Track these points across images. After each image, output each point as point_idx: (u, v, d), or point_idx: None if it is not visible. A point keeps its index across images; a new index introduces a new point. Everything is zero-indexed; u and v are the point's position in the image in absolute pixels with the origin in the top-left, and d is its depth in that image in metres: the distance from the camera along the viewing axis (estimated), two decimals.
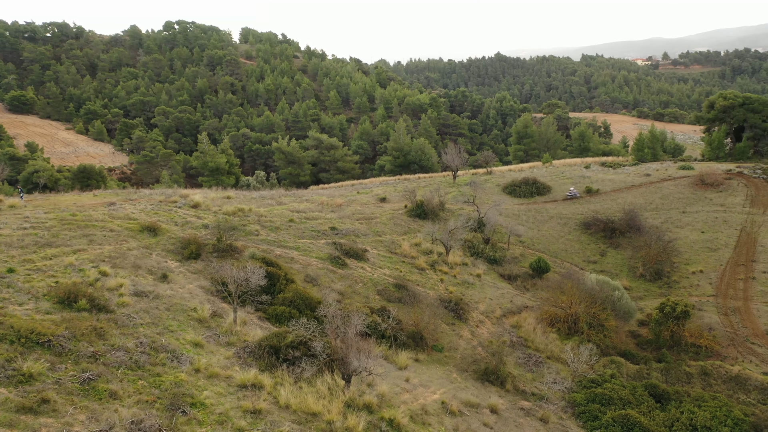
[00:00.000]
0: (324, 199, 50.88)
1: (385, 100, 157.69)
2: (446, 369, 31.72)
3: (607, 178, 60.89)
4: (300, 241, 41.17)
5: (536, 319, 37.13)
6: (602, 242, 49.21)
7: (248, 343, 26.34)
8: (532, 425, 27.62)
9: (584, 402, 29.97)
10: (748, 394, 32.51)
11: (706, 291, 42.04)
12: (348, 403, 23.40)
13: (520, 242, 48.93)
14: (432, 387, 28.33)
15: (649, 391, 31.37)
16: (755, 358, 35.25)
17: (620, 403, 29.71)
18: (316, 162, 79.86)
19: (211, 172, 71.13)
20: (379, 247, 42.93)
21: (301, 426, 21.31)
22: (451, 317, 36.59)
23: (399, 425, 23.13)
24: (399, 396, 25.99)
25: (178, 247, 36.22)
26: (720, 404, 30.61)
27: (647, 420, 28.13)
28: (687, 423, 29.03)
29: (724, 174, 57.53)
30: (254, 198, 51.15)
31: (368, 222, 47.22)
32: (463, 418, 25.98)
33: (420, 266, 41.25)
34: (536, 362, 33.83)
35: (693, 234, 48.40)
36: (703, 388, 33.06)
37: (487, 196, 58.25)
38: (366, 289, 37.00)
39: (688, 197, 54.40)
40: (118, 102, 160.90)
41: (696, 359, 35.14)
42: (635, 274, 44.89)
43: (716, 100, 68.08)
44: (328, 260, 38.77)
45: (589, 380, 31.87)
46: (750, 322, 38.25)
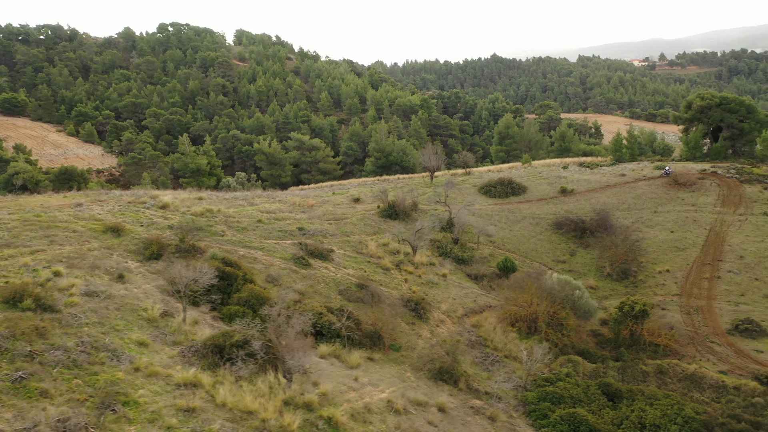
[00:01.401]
0: (296, 200, 51.07)
1: (376, 102, 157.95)
2: (401, 368, 31.87)
3: (583, 178, 61.07)
4: (266, 241, 41.34)
5: (497, 318, 37.29)
6: (573, 242, 49.37)
7: (195, 342, 26.51)
8: (479, 423, 27.78)
9: (535, 401, 30.12)
10: (703, 393, 32.64)
11: (671, 290, 42.20)
12: (287, 401, 23.58)
13: (491, 242, 49.09)
14: (381, 386, 28.46)
15: (602, 390, 31.52)
16: (713, 356, 35.39)
17: (571, 402, 29.86)
18: (298, 163, 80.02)
19: (191, 174, 71.34)
20: (346, 247, 43.10)
21: (234, 424, 21.48)
22: (412, 317, 36.74)
23: (337, 423, 23.32)
24: (344, 395, 26.13)
25: (140, 247, 36.38)
26: (672, 402, 30.77)
27: (595, 418, 28.29)
28: (636, 421, 29.19)
29: (698, 174, 57.69)
30: (227, 199, 51.33)
31: (338, 222, 47.40)
32: (407, 416, 26.11)
33: (385, 266, 41.42)
34: (493, 361, 33.99)
35: (662, 234, 48.56)
36: (659, 387, 33.20)
37: (462, 196, 58.43)
38: (328, 289, 37.16)
39: (660, 197, 54.55)
40: (110, 104, 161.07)
41: (654, 358, 35.29)
42: (602, 273, 45.04)
43: (693, 101, 68.22)
44: (291, 260, 38.94)
45: (544, 379, 32.02)
46: (711, 321, 38.42)
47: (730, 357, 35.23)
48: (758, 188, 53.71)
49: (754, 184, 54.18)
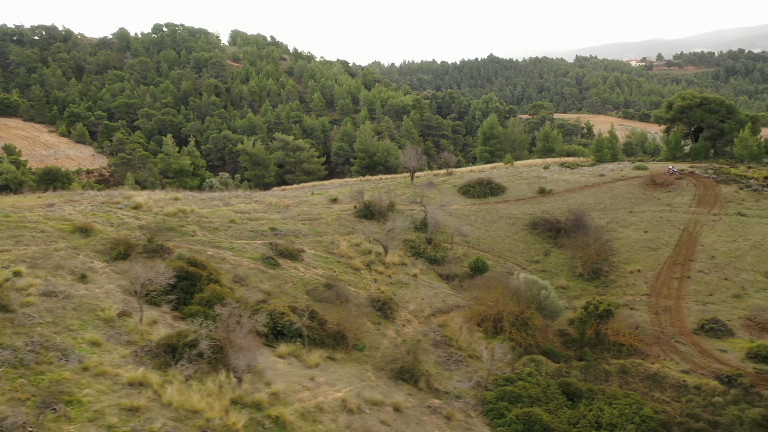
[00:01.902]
0: (273, 200, 51.21)
1: (369, 102, 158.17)
2: (362, 368, 31.98)
3: (563, 178, 61.20)
4: (236, 241, 41.48)
5: (464, 318, 37.41)
6: (547, 242, 49.51)
7: (149, 342, 26.64)
8: (435, 423, 27.90)
9: (494, 400, 30.24)
10: (664, 392, 32.77)
11: (641, 290, 42.33)
12: (235, 400, 23.68)
13: (466, 242, 49.23)
14: (338, 385, 28.57)
15: (562, 389, 31.64)
16: (677, 356, 35.52)
17: (528, 401, 29.99)
18: (283, 163, 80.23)
19: (175, 174, 71.50)
20: (318, 247, 43.24)
21: (177, 423, 21.59)
22: (378, 316, 36.87)
23: (284, 422, 23.44)
24: (297, 394, 26.24)
25: (107, 247, 36.50)
26: (631, 402, 30.90)
27: (550, 417, 28.41)
28: (593, 420, 29.32)
29: (676, 174, 57.82)
30: (203, 199, 51.48)
31: (312, 222, 47.54)
32: (360, 415, 26.23)
33: (355, 266, 41.56)
34: (456, 361, 34.11)
35: (636, 233, 48.69)
36: (621, 386, 33.31)
37: (441, 196, 58.57)
38: (295, 289, 37.29)
39: (637, 197, 54.69)
40: (103, 104, 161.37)
41: (618, 357, 35.40)
42: (574, 273, 45.18)
43: (674, 101, 68.36)
44: (260, 260, 39.07)
45: (505, 378, 32.14)
46: (678, 320, 38.55)
47: (694, 356, 35.36)
48: (734, 188, 53.86)
49: (731, 184, 54.31)
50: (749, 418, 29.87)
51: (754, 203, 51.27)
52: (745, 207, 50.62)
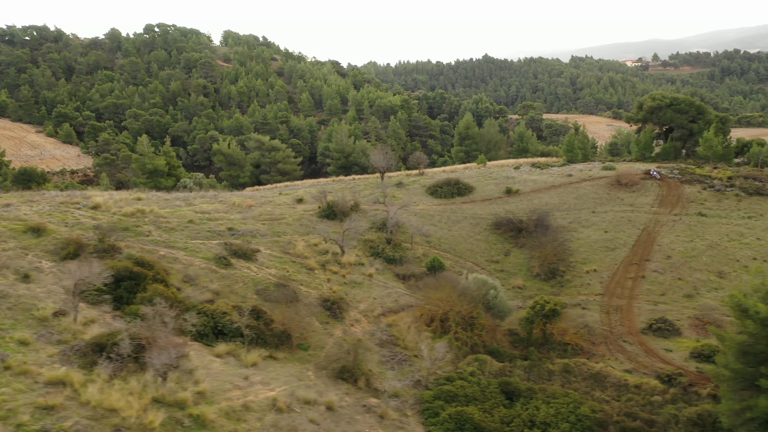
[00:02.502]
0: (236, 200, 51.39)
1: (357, 102, 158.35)
2: (304, 367, 32.16)
3: (531, 178, 61.38)
4: (192, 241, 41.63)
5: (414, 318, 37.59)
6: (509, 242, 49.68)
7: (80, 341, 26.81)
8: (367, 421, 28.07)
9: (430, 399, 30.43)
10: (605, 391, 32.95)
11: (595, 290, 42.52)
12: (158, 399, 23.84)
13: (427, 242, 49.40)
14: (273, 385, 28.73)
15: (501, 389, 31.82)
16: (622, 355, 35.71)
17: (464, 400, 30.18)
18: (259, 164, 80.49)
19: (149, 174, 71.84)
20: (274, 247, 43.40)
21: (92, 422, 21.75)
22: (327, 316, 37.05)
23: (205, 421, 23.60)
24: (226, 393, 26.39)
25: (58, 247, 36.68)
26: (569, 401, 31.08)
27: (482, 416, 28.59)
28: (527, 419, 29.50)
29: (641, 174, 58.00)
30: (167, 199, 51.64)
31: (273, 223, 47.71)
32: (289, 414, 26.38)
33: (310, 266, 41.72)
34: (400, 360, 34.30)
35: (596, 233, 48.87)
36: (563, 385, 33.50)
37: (409, 196, 58.74)
38: (245, 288, 37.44)
39: (601, 197, 54.88)
40: (92, 105, 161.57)
41: (563, 357, 35.60)
42: (532, 273, 45.35)
43: (645, 101, 68.58)
44: (213, 260, 39.22)
45: (445, 378, 32.33)
46: (628, 320, 38.74)
47: (639, 356, 35.55)
48: (697, 188, 54.04)
49: (694, 185, 54.49)
50: (685, 417, 30.10)
51: (716, 203, 51.45)
52: (706, 207, 50.81)
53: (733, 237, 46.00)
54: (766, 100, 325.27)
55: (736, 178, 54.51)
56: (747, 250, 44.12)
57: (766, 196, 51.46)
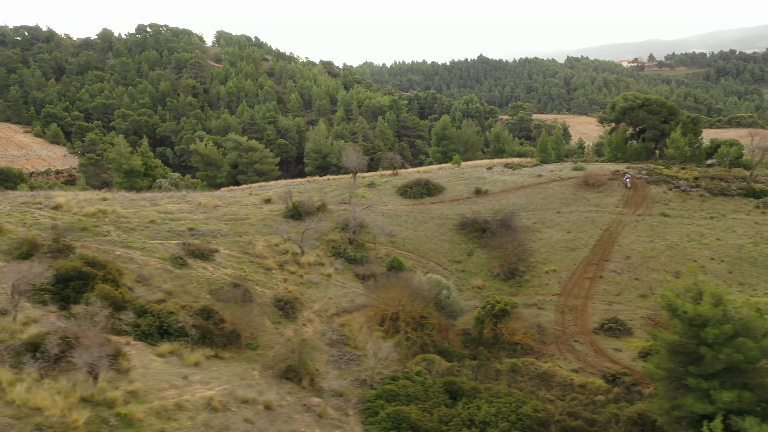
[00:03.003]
0: (203, 200, 51.56)
1: (346, 103, 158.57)
2: (250, 366, 32.32)
3: (502, 179, 61.56)
4: (150, 241, 41.78)
5: (367, 317, 37.76)
6: (473, 242, 49.85)
7: (17, 340, 26.97)
8: (305, 421, 28.21)
9: (372, 398, 30.57)
10: (550, 390, 33.13)
11: (553, 290, 42.70)
12: (87, 398, 23.98)
13: (392, 242, 49.58)
14: (213, 384, 28.88)
15: (446, 388, 31.97)
16: (572, 355, 35.90)
17: (405, 399, 30.33)
18: (236, 164, 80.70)
19: (125, 174, 72.03)
20: (234, 247, 43.56)
21: (15, 420, 21.91)
22: (279, 316, 37.22)
23: (132, 420, 23.75)
24: (161, 392, 26.54)
25: (12, 247, 36.85)
26: (512, 400, 31.23)
27: (420, 415, 28.73)
28: (466, 418, 29.65)
29: (609, 174, 58.18)
30: (134, 200, 51.82)
31: (236, 223, 47.87)
32: (224, 414, 26.52)
33: (268, 266, 41.89)
34: (348, 360, 34.48)
35: (559, 234, 49.06)
36: (509, 385, 33.67)
37: (379, 197, 58.94)
38: (199, 288, 37.60)
39: (568, 198, 55.06)
40: (81, 105, 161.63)
41: (513, 357, 35.78)
42: (492, 273, 45.54)
43: (618, 102, 68.85)
44: (169, 260, 39.37)
45: (390, 377, 32.49)
46: (582, 320, 38.93)
47: (588, 356, 35.74)
48: (663, 189, 54.23)
49: (661, 185, 54.66)
50: (625, 416, 30.22)
51: (680, 204, 51.64)
52: (670, 207, 50.99)
53: (693, 237, 46.20)
54: (760, 100, 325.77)
55: (703, 179, 54.70)
56: (705, 251, 44.32)
57: (730, 197, 51.66)
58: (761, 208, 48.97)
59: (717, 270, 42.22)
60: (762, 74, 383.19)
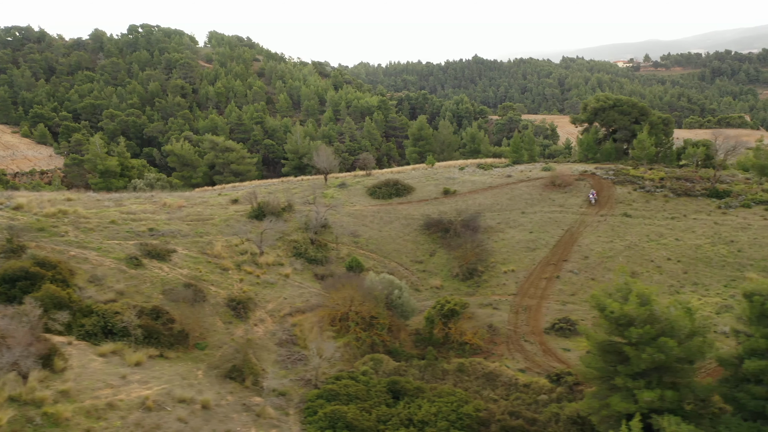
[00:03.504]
0: (168, 201, 51.71)
1: (334, 103, 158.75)
2: (195, 366, 32.48)
3: (472, 179, 61.73)
4: (108, 242, 41.93)
5: (319, 317, 37.93)
6: (437, 243, 50.03)
7: None
8: (241, 420, 28.38)
9: (313, 398, 30.76)
10: (495, 390, 33.31)
11: (510, 290, 42.88)
12: (14, 397, 24.13)
13: (355, 243, 49.74)
14: (151, 383, 29.04)
15: (389, 388, 32.14)
16: (520, 354, 36.08)
17: (345, 399, 30.50)
18: (213, 164, 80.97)
19: (101, 175, 72.12)
20: (192, 248, 43.71)
21: None
22: (231, 316, 37.38)
23: (58, 419, 23.92)
24: (95, 392, 26.69)
25: None
26: (454, 399, 31.41)
27: (357, 414, 28.89)
28: (405, 418, 29.83)
29: (576, 175, 58.36)
30: (99, 200, 51.97)
31: (199, 223, 48.03)
32: (158, 413, 26.67)
33: (225, 266, 42.04)
34: (296, 360, 34.65)
35: (521, 234, 49.23)
36: (455, 384, 33.84)
37: (348, 197, 59.12)
38: (152, 288, 37.73)
39: (534, 198, 55.23)
40: (70, 105, 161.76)
41: (462, 356, 35.95)
42: (452, 274, 45.71)
43: (590, 102, 69.04)
44: (124, 261, 39.52)
45: (334, 377, 32.69)
46: (534, 320, 39.11)
47: (537, 355, 35.92)
48: (629, 189, 54.41)
49: (626, 185, 54.84)
50: (565, 416, 30.42)
51: (644, 204, 51.80)
52: (633, 208, 51.17)
53: (653, 237, 46.37)
54: (755, 100, 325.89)
55: (668, 179, 54.86)
56: (663, 251, 44.49)
57: (694, 197, 51.84)
58: (723, 209, 49.15)
59: (672, 270, 42.40)
60: (757, 74, 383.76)
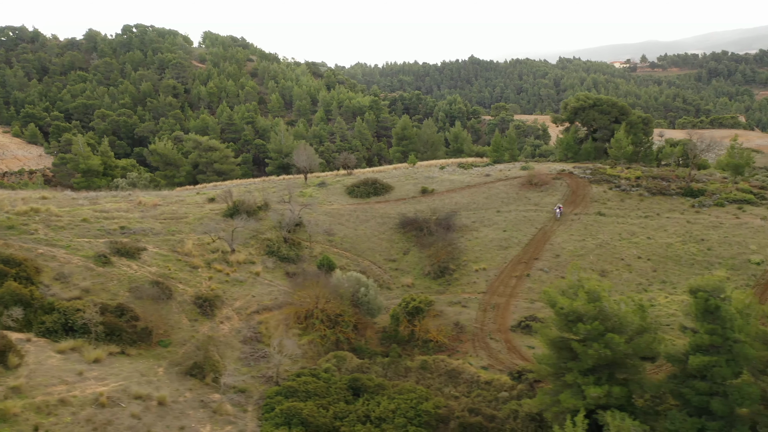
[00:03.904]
0: (143, 199, 51.76)
1: (326, 103, 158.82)
2: (156, 363, 32.52)
3: (451, 178, 61.81)
4: (77, 239, 41.97)
5: (286, 315, 37.98)
6: (411, 241, 50.07)
7: None
8: (197, 416, 28.42)
9: (272, 395, 30.83)
10: (457, 387, 33.41)
11: (480, 288, 42.94)
12: None
13: (329, 241, 49.80)
14: (108, 380, 29.08)
15: (350, 385, 32.22)
16: (485, 352, 36.14)
17: (305, 396, 30.57)
18: (197, 163, 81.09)
19: (83, 174, 72.12)
20: (163, 246, 43.75)
21: None
22: (197, 313, 37.41)
23: (6, 415, 24.00)
24: (49, 388, 26.75)
25: None
26: (414, 396, 31.48)
27: (313, 411, 28.95)
28: (362, 414, 29.89)
29: (554, 174, 58.44)
30: (74, 198, 52.05)
31: (172, 221, 48.06)
32: (111, 409, 26.70)
33: (195, 264, 42.09)
34: (259, 357, 34.68)
35: (495, 232, 49.30)
36: (418, 381, 33.92)
37: (327, 196, 59.20)
38: (119, 286, 37.77)
39: (510, 197, 55.31)
40: (62, 105, 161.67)
41: (426, 354, 36.00)
42: (424, 272, 45.78)
43: (570, 101, 69.16)
44: (92, 258, 39.56)
45: (295, 374, 32.75)
46: (502, 318, 39.17)
47: (501, 353, 35.98)
48: (604, 188, 54.50)
49: (602, 184, 54.93)
50: (524, 413, 30.50)
51: (618, 203, 51.89)
52: (608, 207, 51.24)
53: (625, 236, 46.46)
54: (751, 101, 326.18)
55: (644, 178, 54.94)
56: (634, 249, 44.58)
57: (668, 196, 51.91)
58: (696, 208, 49.24)
59: (642, 268, 42.49)
60: (754, 75, 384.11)
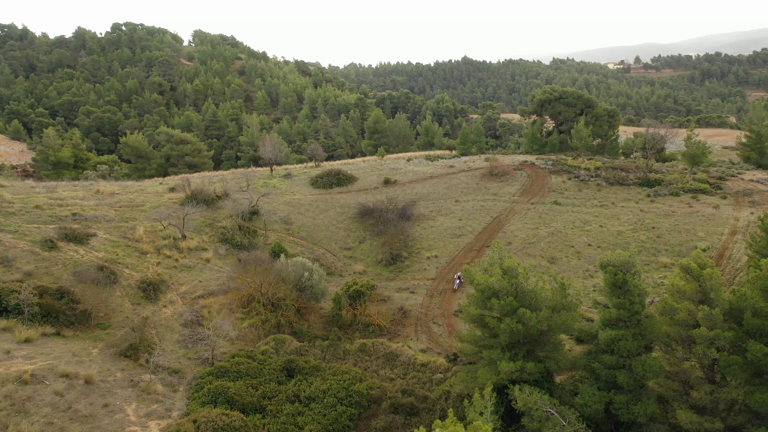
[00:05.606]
0: (102, 188, 51.82)
1: (311, 101, 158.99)
2: (91, 345, 32.59)
3: (414, 170, 61.95)
4: (27, 225, 42.01)
5: (230, 299, 38.06)
6: (368, 230, 50.19)
7: None
8: (124, 395, 28.48)
9: (204, 375, 30.91)
10: (394, 369, 33.53)
11: (430, 275, 43.07)
12: None
13: (286, 230, 49.92)
14: (37, 359, 29.15)
15: (285, 366, 32.32)
16: (425, 336, 36.28)
17: (235, 376, 30.68)
18: (169, 156, 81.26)
19: (53, 166, 72.12)
20: (114, 232, 43.80)
21: None
22: (141, 297, 37.48)
23: None
24: None
25: None
26: (348, 377, 31.58)
27: (240, 390, 29.03)
28: (291, 394, 30.00)
29: (515, 165, 58.63)
30: (33, 187, 52.09)
31: (128, 209, 48.12)
32: (33, 386, 26.75)
33: (144, 250, 42.14)
34: (197, 339, 34.77)
35: (450, 221, 49.44)
36: (355, 364, 34.04)
37: (291, 186, 59.29)
38: (63, 270, 37.81)
39: (471, 187, 55.46)
40: (48, 102, 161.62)
41: (367, 337, 36.12)
42: (377, 259, 45.89)
43: (536, 94, 69.38)
44: (39, 243, 39.61)
45: (231, 356, 32.85)
46: (447, 303, 39.32)
47: (442, 336, 36.12)
48: (563, 178, 54.69)
49: (562, 175, 55.12)
50: (456, 393, 30.59)
51: (576, 192, 52.09)
52: (565, 196, 51.45)
53: (578, 224, 46.64)
54: (743, 102, 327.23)
55: (604, 169, 55.19)
56: (585, 237, 44.76)
57: (626, 186, 52.14)
58: (651, 197, 49.44)
59: (591, 255, 42.64)
60: (746, 76, 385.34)
